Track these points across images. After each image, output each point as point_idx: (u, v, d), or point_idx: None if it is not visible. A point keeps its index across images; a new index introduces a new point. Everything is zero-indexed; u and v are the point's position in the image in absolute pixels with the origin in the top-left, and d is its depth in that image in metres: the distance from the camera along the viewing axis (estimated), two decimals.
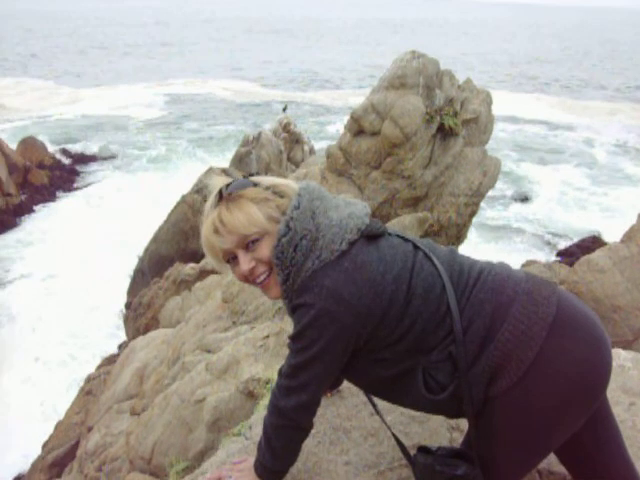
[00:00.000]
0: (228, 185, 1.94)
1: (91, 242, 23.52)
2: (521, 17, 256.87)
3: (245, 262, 1.91)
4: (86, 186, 30.69)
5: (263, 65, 73.05)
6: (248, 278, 1.96)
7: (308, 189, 1.95)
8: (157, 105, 49.07)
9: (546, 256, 21.56)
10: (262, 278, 1.95)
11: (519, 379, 1.78)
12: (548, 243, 23.39)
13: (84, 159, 34.04)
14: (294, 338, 1.89)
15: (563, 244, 22.51)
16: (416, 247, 1.98)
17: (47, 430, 10.83)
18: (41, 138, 31.62)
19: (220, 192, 1.93)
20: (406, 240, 2.00)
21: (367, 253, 1.88)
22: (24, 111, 44.83)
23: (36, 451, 10.86)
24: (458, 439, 2.48)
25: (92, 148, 35.82)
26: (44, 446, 10.38)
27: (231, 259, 1.96)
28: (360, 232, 1.90)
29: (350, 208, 1.96)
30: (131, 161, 34.72)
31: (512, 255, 21.36)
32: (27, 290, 20.54)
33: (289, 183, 2.00)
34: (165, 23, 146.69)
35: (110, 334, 17.11)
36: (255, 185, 1.95)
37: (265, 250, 1.90)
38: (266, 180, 1.99)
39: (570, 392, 1.79)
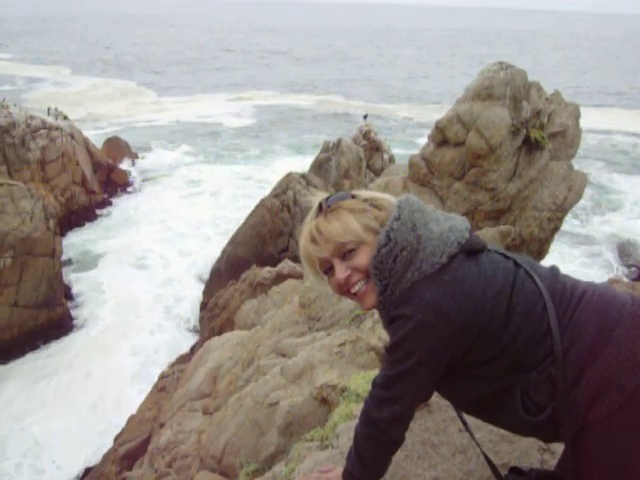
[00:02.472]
0: (328, 198, 1.96)
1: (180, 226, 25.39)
2: (612, 28, 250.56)
3: (341, 270, 1.92)
4: (170, 175, 31.75)
5: (346, 78, 73.65)
6: (343, 288, 1.96)
7: (408, 201, 1.94)
8: (246, 114, 50.81)
9: (628, 269, 20.94)
10: (357, 288, 1.94)
11: (621, 406, 1.70)
12: (630, 256, 22.57)
13: (172, 159, 35.06)
14: (390, 349, 1.87)
15: None
16: (517, 264, 1.93)
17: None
18: (130, 141, 32.73)
19: (320, 205, 1.95)
20: (507, 257, 1.96)
21: (467, 267, 1.84)
22: (114, 116, 46.56)
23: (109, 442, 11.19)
24: (549, 461, 2.41)
25: (183, 149, 37.29)
26: (116, 438, 10.65)
27: (328, 270, 1.96)
28: (460, 246, 1.87)
29: (450, 222, 1.93)
30: (225, 159, 36.10)
31: (592, 267, 20.84)
32: (117, 271, 21.95)
33: (387, 197, 2.00)
34: (253, 31, 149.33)
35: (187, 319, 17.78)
36: (353, 197, 1.97)
37: (361, 259, 1.89)
38: (365, 193, 2.01)
39: None
